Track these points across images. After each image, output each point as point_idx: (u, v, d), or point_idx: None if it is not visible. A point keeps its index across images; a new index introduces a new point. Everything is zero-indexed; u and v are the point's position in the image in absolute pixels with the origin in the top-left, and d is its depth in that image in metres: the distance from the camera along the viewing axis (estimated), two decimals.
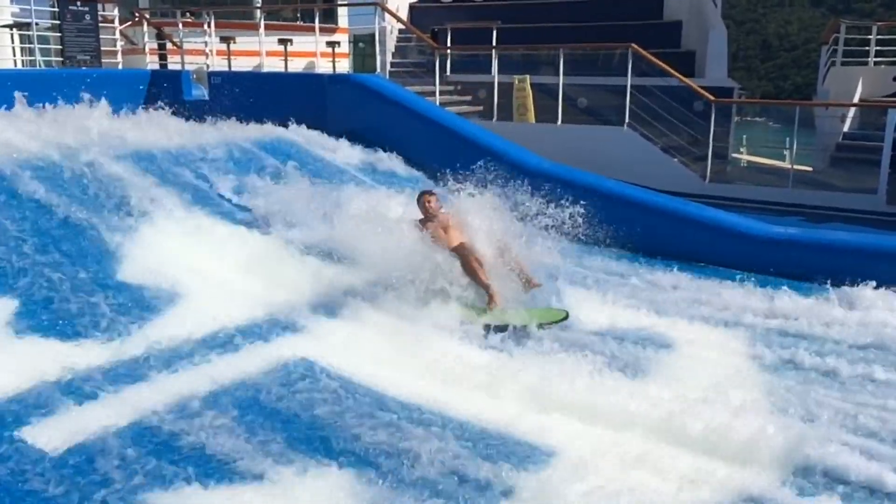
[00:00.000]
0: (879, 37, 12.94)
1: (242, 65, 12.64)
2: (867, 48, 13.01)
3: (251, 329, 5.81)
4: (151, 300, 5.98)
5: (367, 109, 10.46)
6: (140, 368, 5.09)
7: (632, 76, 10.88)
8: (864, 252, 7.33)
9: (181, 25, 12.21)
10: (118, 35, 11.93)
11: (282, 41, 12.68)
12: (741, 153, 13.29)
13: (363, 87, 10.58)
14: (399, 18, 13.85)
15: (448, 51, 13.25)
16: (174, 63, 12.47)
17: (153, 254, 6.53)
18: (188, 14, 12.68)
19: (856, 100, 12.55)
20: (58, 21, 10.90)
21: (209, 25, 12.01)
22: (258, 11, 13.38)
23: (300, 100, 10.68)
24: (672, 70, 10.93)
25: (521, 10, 15.23)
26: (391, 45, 15.06)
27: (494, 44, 13.40)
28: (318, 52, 12.56)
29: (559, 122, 11.44)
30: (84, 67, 10.73)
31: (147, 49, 12.56)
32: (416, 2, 16.82)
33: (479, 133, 10.06)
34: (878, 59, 13.07)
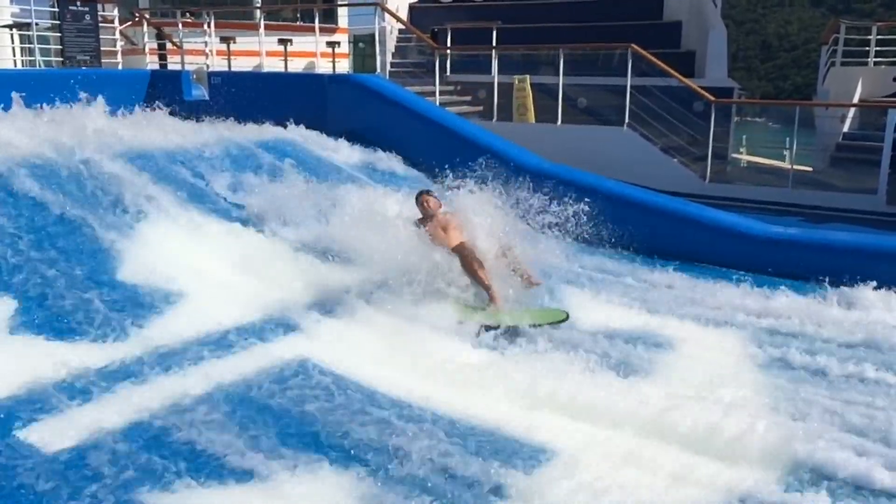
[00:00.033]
0: (879, 37, 12.91)
1: (242, 65, 12.68)
2: (867, 48, 12.99)
3: (245, 326, 5.81)
4: (146, 297, 5.99)
5: (367, 109, 10.46)
6: (133, 365, 5.10)
7: (632, 76, 10.87)
8: (864, 252, 7.31)
9: (181, 25, 12.22)
10: (118, 35, 11.94)
11: (282, 41, 12.72)
12: (741, 153, 13.26)
13: (363, 88, 10.58)
14: (399, 18, 13.85)
15: (448, 51, 13.26)
16: (174, 63, 12.50)
17: (148, 251, 6.54)
18: (188, 14, 12.69)
19: (856, 100, 12.53)
20: (58, 21, 10.91)
21: (209, 25, 12.03)
22: (258, 11, 13.42)
23: (300, 100, 10.68)
24: (672, 70, 10.92)
25: (521, 11, 15.22)
26: (391, 46, 15.07)
27: (494, 44, 13.39)
28: (318, 53, 12.58)
29: (559, 123, 11.43)
30: (84, 67, 10.75)
31: (147, 49, 12.58)
32: (416, 2, 16.83)
33: (479, 133, 10.05)
34: (878, 60, 13.04)
